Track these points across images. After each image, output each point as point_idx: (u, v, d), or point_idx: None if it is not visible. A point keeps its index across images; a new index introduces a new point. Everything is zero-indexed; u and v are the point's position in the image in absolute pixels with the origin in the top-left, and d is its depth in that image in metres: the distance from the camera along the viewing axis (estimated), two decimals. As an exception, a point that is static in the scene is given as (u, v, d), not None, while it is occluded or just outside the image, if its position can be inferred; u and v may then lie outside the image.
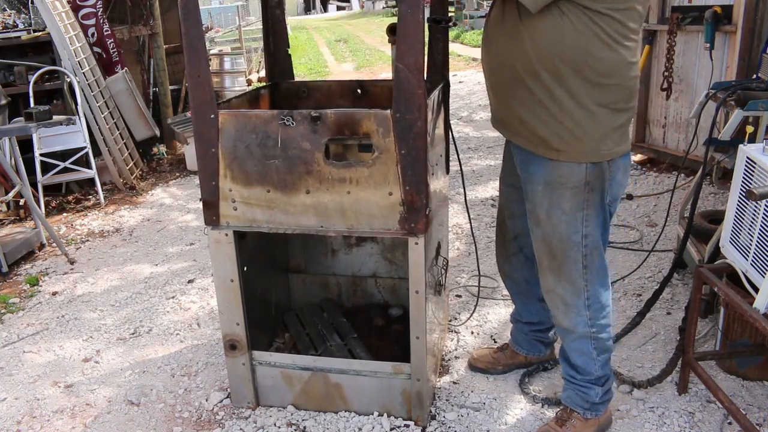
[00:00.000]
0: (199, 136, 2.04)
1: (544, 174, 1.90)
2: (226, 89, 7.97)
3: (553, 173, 1.88)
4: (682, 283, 3.10)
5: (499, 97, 1.96)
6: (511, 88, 1.87)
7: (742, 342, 2.35)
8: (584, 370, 2.10)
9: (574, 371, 2.13)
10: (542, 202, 1.93)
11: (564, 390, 2.20)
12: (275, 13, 2.61)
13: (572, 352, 2.11)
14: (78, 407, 2.50)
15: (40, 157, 4.81)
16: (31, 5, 5.47)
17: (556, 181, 1.88)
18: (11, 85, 5.09)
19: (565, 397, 2.19)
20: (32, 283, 3.65)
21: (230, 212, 2.10)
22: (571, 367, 2.14)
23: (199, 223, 4.48)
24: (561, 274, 1.99)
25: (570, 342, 2.09)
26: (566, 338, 2.11)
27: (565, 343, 2.12)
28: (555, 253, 1.97)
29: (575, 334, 2.06)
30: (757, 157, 2.07)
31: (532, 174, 1.94)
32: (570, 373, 2.15)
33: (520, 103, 1.87)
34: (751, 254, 2.09)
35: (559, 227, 1.93)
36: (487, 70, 2.00)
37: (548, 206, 1.92)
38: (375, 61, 13.67)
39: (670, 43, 4.47)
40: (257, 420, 2.32)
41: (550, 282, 2.03)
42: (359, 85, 2.61)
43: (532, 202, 1.98)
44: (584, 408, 2.13)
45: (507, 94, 1.90)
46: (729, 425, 2.17)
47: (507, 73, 1.86)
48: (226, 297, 2.22)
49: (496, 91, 1.97)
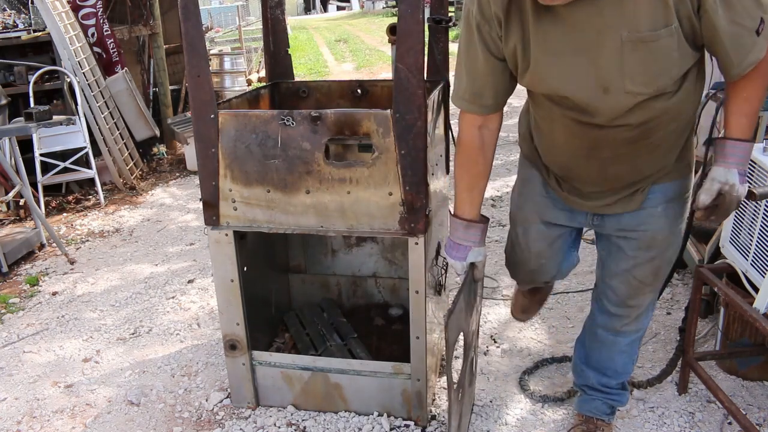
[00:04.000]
0: (199, 136, 2.04)
1: (665, 193, 1.76)
2: (226, 89, 7.97)
3: (676, 189, 1.77)
4: (682, 283, 3.10)
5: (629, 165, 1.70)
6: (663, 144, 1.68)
7: (742, 342, 2.35)
8: (622, 373, 2.06)
9: (609, 378, 2.07)
10: (662, 222, 1.78)
11: (587, 402, 2.14)
12: (275, 13, 2.61)
13: (619, 355, 2.03)
14: (78, 407, 2.50)
15: (40, 157, 4.80)
16: (31, 5, 5.47)
17: (679, 196, 1.78)
18: (11, 85, 5.09)
19: (592, 408, 2.13)
20: (32, 283, 3.65)
21: (230, 212, 2.10)
22: (604, 374, 2.07)
23: (199, 223, 4.48)
24: (656, 287, 1.92)
25: (623, 345, 2.02)
26: (619, 343, 2.01)
27: (615, 347, 2.03)
28: (662, 270, 1.87)
29: (635, 336, 2.01)
30: (757, 157, 2.07)
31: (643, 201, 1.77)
32: (602, 381, 2.08)
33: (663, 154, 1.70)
34: (751, 254, 2.09)
35: (678, 239, 1.85)
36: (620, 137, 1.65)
37: (671, 224, 1.79)
38: (375, 61, 13.66)
39: (670, 43, 4.46)
40: (257, 420, 2.32)
41: (647, 298, 1.92)
42: (359, 85, 2.61)
43: (639, 231, 1.79)
44: (608, 414, 2.12)
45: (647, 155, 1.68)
46: (729, 425, 2.17)
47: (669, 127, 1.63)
48: (226, 297, 2.22)
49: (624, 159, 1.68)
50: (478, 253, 1.82)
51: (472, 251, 1.81)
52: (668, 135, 1.63)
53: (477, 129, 1.73)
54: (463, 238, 1.81)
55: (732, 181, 1.58)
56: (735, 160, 1.58)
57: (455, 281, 3.34)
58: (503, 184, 4.87)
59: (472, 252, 1.81)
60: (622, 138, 1.60)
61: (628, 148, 1.63)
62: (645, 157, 1.67)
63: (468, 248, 1.81)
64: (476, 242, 1.81)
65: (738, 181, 1.59)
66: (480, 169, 1.78)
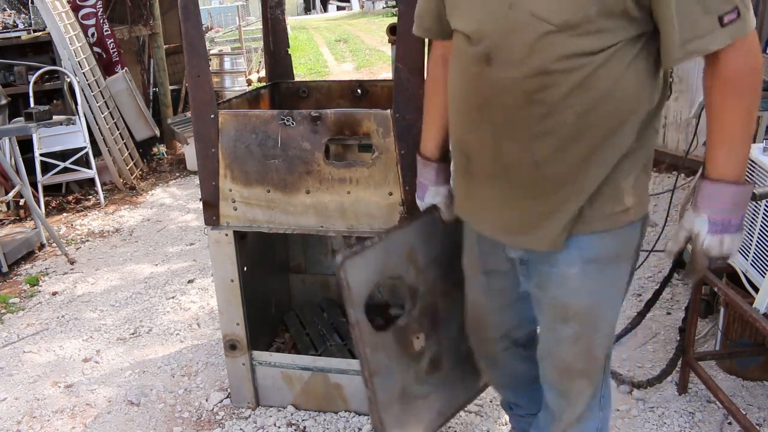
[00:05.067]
0: (199, 136, 2.04)
1: (582, 249, 1.37)
2: (226, 89, 7.97)
3: (601, 245, 1.37)
4: (682, 283, 3.10)
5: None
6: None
7: (742, 342, 2.35)
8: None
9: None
10: (579, 288, 1.40)
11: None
12: (275, 13, 2.61)
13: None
14: (78, 407, 2.50)
15: (40, 157, 4.80)
16: (31, 5, 5.47)
17: (607, 256, 1.39)
18: (11, 85, 5.09)
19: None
20: (32, 283, 3.65)
21: (230, 212, 2.10)
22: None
23: (199, 223, 4.48)
24: (592, 374, 1.50)
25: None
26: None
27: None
28: (595, 350, 1.47)
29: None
30: (757, 157, 2.07)
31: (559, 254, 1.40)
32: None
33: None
34: (751, 254, 2.09)
35: (609, 315, 1.46)
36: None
37: (593, 293, 1.41)
38: (375, 61, 13.65)
39: (670, 43, 4.47)
40: (257, 420, 2.32)
41: (581, 388, 1.52)
42: (359, 85, 2.61)
43: (556, 293, 1.44)
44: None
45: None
46: (729, 425, 2.17)
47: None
48: (226, 297, 2.22)
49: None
50: (435, 193, 1.68)
51: (429, 191, 1.69)
52: (578, 121, 1.26)
53: (439, 59, 1.58)
54: (422, 176, 1.70)
55: (696, 229, 1.28)
56: (706, 204, 1.26)
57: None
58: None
59: (429, 191, 1.69)
60: (514, 92, 1.27)
61: (522, 113, 1.28)
62: (545, 144, 1.29)
63: (426, 187, 1.69)
64: (432, 181, 1.68)
65: (705, 230, 1.27)
66: (437, 103, 1.59)
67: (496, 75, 1.29)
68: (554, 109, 1.26)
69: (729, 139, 1.24)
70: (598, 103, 1.25)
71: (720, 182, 1.25)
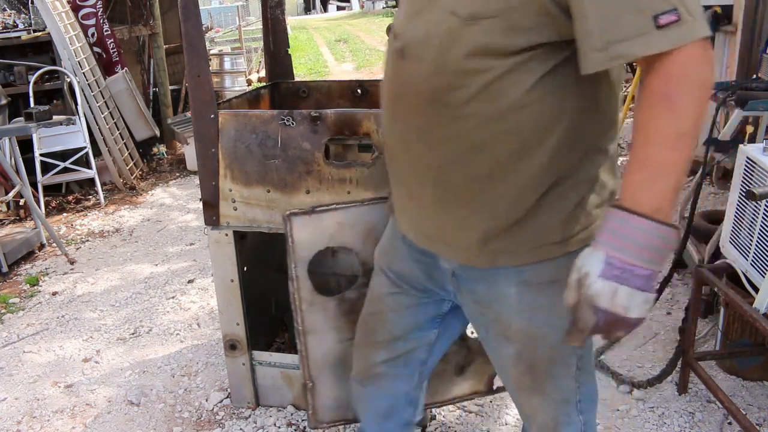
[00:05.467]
0: (199, 136, 2.04)
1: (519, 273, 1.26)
2: (226, 89, 7.97)
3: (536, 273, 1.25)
4: (682, 283, 3.10)
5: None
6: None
7: (742, 342, 2.35)
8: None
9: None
10: (518, 310, 1.30)
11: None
12: (275, 13, 2.61)
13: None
14: (78, 407, 2.50)
15: (40, 157, 4.80)
16: (31, 5, 5.47)
17: (543, 282, 1.25)
18: (11, 85, 5.09)
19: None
20: (32, 283, 3.65)
21: (230, 212, 2.10)
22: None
23: (199, 223, 4.48)
24: (546, 389, 1.38)
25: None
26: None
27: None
28: (537, 367, 1.35)
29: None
30: (757, 157, 2.07)
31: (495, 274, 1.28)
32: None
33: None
34: (751, 254, 2.09)
35: (549, 336, 1.29)
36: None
37: (530, 317, 1.29)
38: (375, 61, 13.65)
39: (670, 43, 4.47)
40: (257, 420, 2.32)
41: (535, 404, 1.41)
42: (359, 85, 2.61)
43: (492, 310, 1.33)
44: None
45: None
46: (729, 425, 2.17)
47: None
48: (226, 297, 2.22)
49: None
50: None
51: None
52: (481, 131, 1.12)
53: None
54: None
55: (586, 269, 1.02)
56: (606, 239, 1.02)
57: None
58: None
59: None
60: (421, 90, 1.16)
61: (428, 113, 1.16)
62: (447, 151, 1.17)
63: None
64: None
65: (597, 271, 1.00)
66: None
67: (408, 69, 1.19)
68: (457, 114, 1.13)
69: (653, 163, 0.99)
70: (504, 115, 1.09)
71: (632, 214, 0.99)
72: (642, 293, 1.00)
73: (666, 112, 0.98)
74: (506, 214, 1.17)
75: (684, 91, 0.97)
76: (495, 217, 1.18)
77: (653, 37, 0.95)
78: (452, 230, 1.26)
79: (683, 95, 0.97)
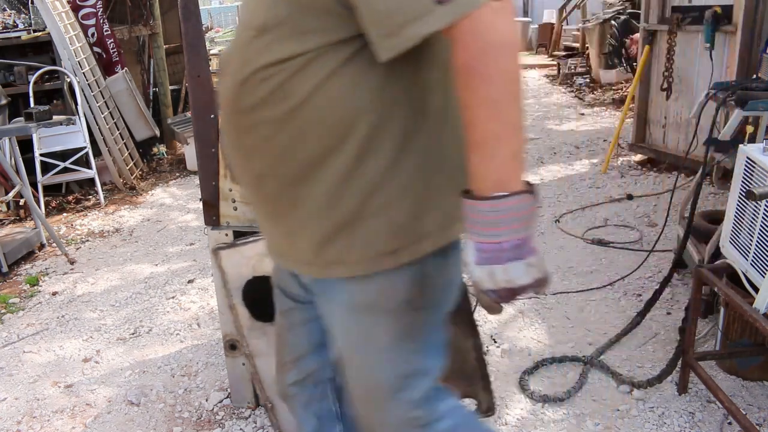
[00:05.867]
0: (199, 136, 2.04)
1: (343, 293, 1.18)
2: (226, 89, 7.96)
3: (358, 291, 1.17)
4: (682, 283, 3.10)
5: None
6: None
7: (742, 342, 2.35)
8: None
9: None
10: (339, 330, 1.24)
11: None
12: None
13: None
14: (78, 407, 2.50)
15: (40, 157, 4.81)
16: (31, 5, 5.47)
17: (358, 304, 1.18)
18: (11, 85, 5.09)
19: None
20: (32, 283, 3.65)
21: (230, 212, 2.10)
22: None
23: (199, 223, 4.48)
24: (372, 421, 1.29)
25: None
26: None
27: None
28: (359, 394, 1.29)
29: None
30: (757, 157, 2.07)
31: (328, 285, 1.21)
32: None
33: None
34: (751, 254, 2.09)
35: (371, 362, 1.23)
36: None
37: (345, 338, 1.24)
38: (375, 61, 13.67)
39: (670, 43, 4.47)
40: (257, 420, 2.32)
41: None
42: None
43: (328, 323, 1.28)
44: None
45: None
46: (729, 425, 2.16)
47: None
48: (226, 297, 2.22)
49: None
50: None
51: None
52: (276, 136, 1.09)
53: None
54: None
55: (467, 260, 1.05)
56: (469, 227, 1.02)
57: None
58: (503, 184, 4.86)
59: None
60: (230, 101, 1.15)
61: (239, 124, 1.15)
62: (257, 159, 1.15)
63: None
64: None
65: (474, 259, 1.02)
66: None
67: (221, 86, 1.18)
68: (255, 120, 1.10)
69: (480, 139, 0.97)
70: (296, 114, 1.05)
71: (476, 199, 0.99)
72: (518, 262, 1.00)
73: (475, 83, 0.95)
74: (327, 219, 1.11)
75: (484, 57, 0.94)
76: (318, 224, 1.12)
77: (436, 13, 0.92)
78: (286, 241, 1.20)
79: (486, 62, 0.94)
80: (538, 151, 5.70)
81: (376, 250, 1.11)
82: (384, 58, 0.99)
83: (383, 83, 1.05)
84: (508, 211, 0.98)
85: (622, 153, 5.35)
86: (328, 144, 1.06)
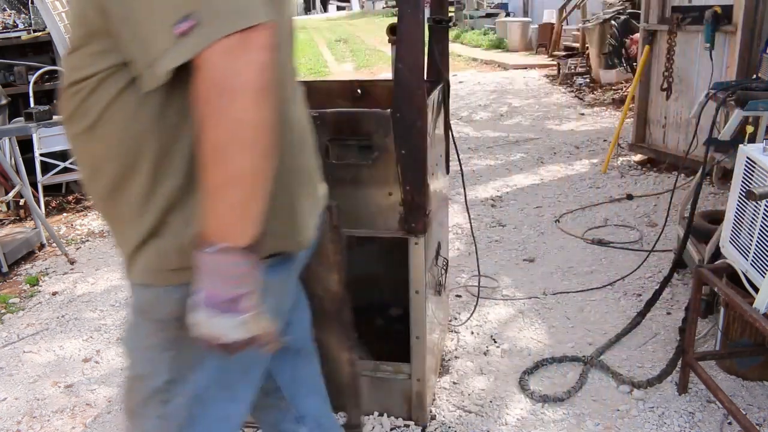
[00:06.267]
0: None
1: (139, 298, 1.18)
2: (226, 89, 7.96)
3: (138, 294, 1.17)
4: (682, 283, 3.10)
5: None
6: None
7: (742, 342, 2.35)
8: None
9: None
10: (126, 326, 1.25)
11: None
12: (275, 13, 2.61)
13: None
14: (78, 407, 2.50)
15: (40, 157, 4.80)
16: (31, 5, 5.48)
17: (134, 306, 1.19)
18: (11, 85, 5.09)
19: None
20: (32, 283, 3.65)
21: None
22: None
23: (199, 223, 4.48)
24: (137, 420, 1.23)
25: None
26: None
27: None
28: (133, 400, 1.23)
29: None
30: (757, 157, 2.07)
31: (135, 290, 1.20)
32: None
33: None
34: (751, 254, 2.09)
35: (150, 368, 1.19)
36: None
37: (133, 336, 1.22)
38: (375, 61, 13.66)
39: (670, 43, 4.47)
40: (257, 420, 2.31)
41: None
42: (359, 85, 2.61)
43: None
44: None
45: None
46: (729, 425, 2.17)
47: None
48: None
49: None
50: None
51: None
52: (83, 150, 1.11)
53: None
54: None
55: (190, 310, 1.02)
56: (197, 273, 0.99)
57: (455, 281, 3.34)
58: (503, 184, 4.87)
59: None
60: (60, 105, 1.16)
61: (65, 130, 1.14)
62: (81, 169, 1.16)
63: None
64: None
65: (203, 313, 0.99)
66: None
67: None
68: (70, 135, 1.11)
69: (205, 186, 0.95)
70: (93, 133, 1.06)
71: (199, 250, 0.97)
72: (229, 316, 0.98)
73: (203, 126, 0.92)
74: (135, 234, 1.10)
75: (211, 101, 0.90)
76: (127, 237, 1.13)
77: (178, 48, 0.90)
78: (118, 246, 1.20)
79: (212, 106, 0.90)
80: (538, 151, 5.70)
81: (166, 266, 1.10)
82: (144, 89, 0.99)
83: (163, 106, 1.03)
84: (216, 266, 0.96)
85: (622, 153, 5.35)
86: (126, 162, 1.06)
